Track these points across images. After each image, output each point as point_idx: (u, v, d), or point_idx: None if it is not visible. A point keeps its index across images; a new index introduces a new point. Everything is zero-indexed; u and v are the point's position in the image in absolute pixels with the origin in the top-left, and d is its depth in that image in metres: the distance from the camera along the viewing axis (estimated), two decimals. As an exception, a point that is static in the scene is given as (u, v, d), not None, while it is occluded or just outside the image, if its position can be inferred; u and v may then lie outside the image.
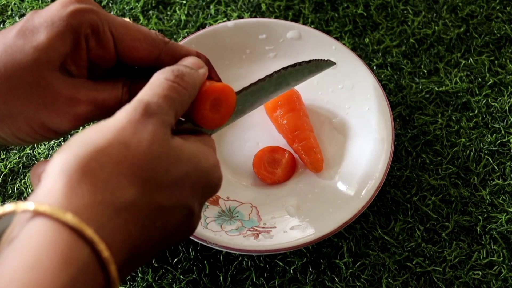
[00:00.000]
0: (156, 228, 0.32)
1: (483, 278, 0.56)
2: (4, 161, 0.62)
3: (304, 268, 0.56)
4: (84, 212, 0.29)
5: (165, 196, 0.32)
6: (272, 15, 0.71)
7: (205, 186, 0.36)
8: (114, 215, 0.30)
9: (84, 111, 0.38)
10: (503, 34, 0.70)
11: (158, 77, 0.37)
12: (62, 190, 0.29)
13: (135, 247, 0.31)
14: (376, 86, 0.61)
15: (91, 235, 0.28)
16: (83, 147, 0.31)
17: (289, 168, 0.60)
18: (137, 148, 0.32)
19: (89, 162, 0.30)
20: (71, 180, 0.30)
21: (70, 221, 0.28)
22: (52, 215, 0.28)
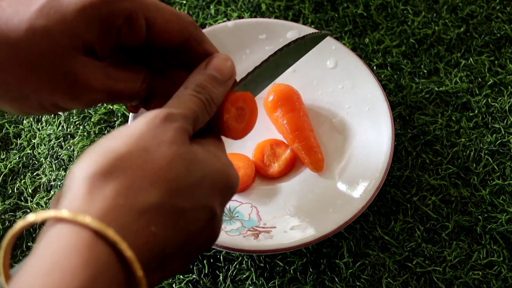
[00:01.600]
0: (179, 228, 0.32)
1: (483, 278, 0.56)
2: (4, 161, 0.62)
3: (304, 268, 0.56)
4: (106, 215, 0.29)
5: (186, 197, 0.33)
6: (272, 15, 0.71)
7: (224, 186, 0.36)
8: (136, 218, 0.30)
9: (98, 99, 0.38)
10: (503, 34, 0.70)
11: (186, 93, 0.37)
12: (84, 196, 0.30)
13: (159, 249, 0.31)
14: (376, 86, 0.61)
15: (112, 235, 0.29)
16: (104, 154, 0.31)
17: (287, 165, 0.60)
18: (157, 152, 0.32)
19: (110, 168, 0.31)
20: (93, 186, 0.30)
21: (90, 223, 0.28)
22: (71, 220, 0.29)
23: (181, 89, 0.38)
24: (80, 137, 0.63)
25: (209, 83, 0.38)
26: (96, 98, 0.38)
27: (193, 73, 0.39)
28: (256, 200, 0.58)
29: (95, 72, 0.37)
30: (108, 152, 0.32)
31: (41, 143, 0.63)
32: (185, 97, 0.37)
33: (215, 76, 0.39)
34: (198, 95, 0.37)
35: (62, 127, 0.64)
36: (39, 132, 0.64)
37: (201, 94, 0.37)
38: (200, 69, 0.39)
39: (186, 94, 0.37)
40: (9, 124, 0.64)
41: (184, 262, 0.34)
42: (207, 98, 0.37)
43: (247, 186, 0.59)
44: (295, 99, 0.61)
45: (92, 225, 0.28)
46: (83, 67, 0.37)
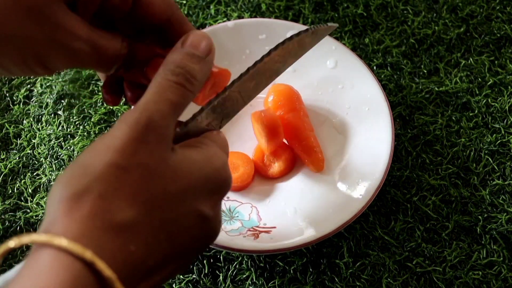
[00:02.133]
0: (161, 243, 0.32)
1: (483, 278, 0.56)
2: (4, 161, 0.62)
3: (304, 268, 0.56)
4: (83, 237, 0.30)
5: (166, 211, 0.33)
6: (272, 15, 0.71)
7: (212, 189, 0.36)
8: (113, 237, 0.30)
9: (81, 49, 0.37)
10: (503, 34, 0.70)
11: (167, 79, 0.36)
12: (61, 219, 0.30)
13: (141, 263, 0.31)
14: (376, 86, 0.61)
15: (89, 257, 0.29)
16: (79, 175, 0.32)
17: (287, 165, 0.60)
18: (135, 171, 0.32)
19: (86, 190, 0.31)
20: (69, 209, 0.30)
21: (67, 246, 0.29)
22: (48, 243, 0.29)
23: (160, 73, 0.36)
24: (80, 137, 0.63)
25: (188, 60, 0.37)
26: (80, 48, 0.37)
27: (170, 53, 0.38)
28: (256, 200, 0.58)
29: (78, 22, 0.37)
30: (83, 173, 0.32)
31: (41, 143, 0.63)
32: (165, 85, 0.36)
33: (193, 53, 0.37)
34: (177, 78, 0.36)
35: (62, 127, 0.64)
36: (39, 132, 0.64)
37: (181, 76, 0.36)
38: (177, 48, 0.38)
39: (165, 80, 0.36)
40: (9, 124, 0.64)
41: (180, 266, 0.35)
42: (187, 78, 0.36)
43: (247, 185, 0.59)
44: (295, 99, 0.61)
45: (69, 248, 0.29)
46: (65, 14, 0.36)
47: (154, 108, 0.34)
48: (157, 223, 0.32)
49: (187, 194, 0.34)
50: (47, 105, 0.65)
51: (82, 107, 0.65)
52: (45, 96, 0.66)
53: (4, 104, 0.66)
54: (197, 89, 0.37)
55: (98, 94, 0.66)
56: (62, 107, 0.65)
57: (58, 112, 0.65)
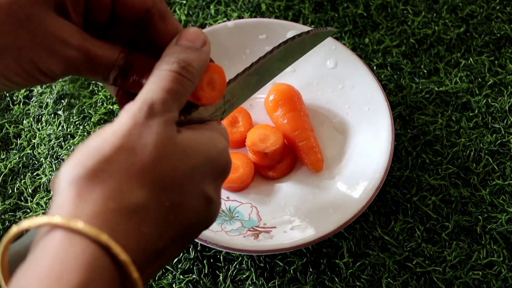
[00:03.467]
0: (171, 224, 0.33)
1: (483, 278, 0.56)
2: (4, 161, 0.62)
3: (304, 268, 0.56)
4: (97, 219, 0.29)
5: (175, 192, 0.33)
6: (272, 15, 0.71)
7: (215, 172, 0.36)
8: (126, 219, 0.30)
9: (74, 57, 0.37)
10: (503, 34, 0.70)
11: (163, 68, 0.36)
12: (73, 201, 0.30)
13: (153, 246, 0.32)
14: (376, 86, 0.61)
15: (105, 240, 0.29)
16: (89, 157, 0.31)
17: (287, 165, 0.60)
18: (144, 152, 0.32)
19: (97, 172, 0.31)
20: (81, 190, 0.30)
21: (83, 229, 0.29)
22: (64, 226, 0.29)
23: (155, 66, 0.37)
24: (80, 137, 0.63)
25: (183, 51, 0.37)
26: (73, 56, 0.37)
27: (166, 50, 0.38)
28: (256, 200, 0.58)
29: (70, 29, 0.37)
30: (93, 154, 0.32)
31: (41, 143, 0.63)
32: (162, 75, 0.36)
33: (188, 45, 0.38)
34: (173, 66, 0.36)
35: (62, 127, 0.64)
36: (39, 132, 0.64)
37: (175, 65, 0.36)
38: (172, 44, 0.38)
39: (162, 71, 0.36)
40: (9, 124, 0.64)
41: (180, 250, 0.35)
42: (183, 66, 0.36)
43: (246, 185, 0.59)
44: (295, 99, 0.61)
45: (85, 231, 0.29)
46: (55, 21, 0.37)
47: (153, 96, 0.35)
48: (167, 203, 0.32)
49: (194, 174, 0.34)
50: (47, 105, 0.65)
51: (82, 107, 0.65)
52: (45, 96, 0.66)
53: (4, 104, 0.66)
54: (195, 77, 0.37)
55: (98, 94, 0.66)
56: (62, 107, 0.65)
57: (58, 112, 0.65)
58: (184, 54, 0.37)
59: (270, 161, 0.59)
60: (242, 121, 0.61)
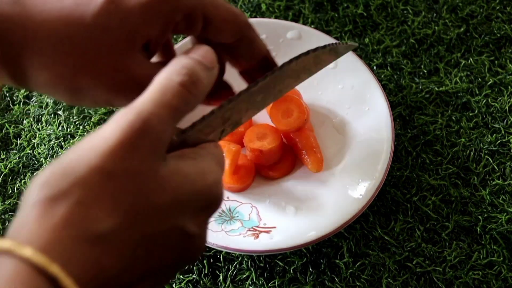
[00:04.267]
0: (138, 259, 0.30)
1: (483, 278, 0.56)
2: (4, 161, 0.62)
3: (304, 268, 0.56)
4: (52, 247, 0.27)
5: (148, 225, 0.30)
6: (272, 15, 0.71)
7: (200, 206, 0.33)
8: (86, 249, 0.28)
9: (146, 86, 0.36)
10: (503, 34, 0.70)
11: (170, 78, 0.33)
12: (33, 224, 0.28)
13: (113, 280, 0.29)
14: (376, 86, 0.61)
15: (55, 271, 0.26)
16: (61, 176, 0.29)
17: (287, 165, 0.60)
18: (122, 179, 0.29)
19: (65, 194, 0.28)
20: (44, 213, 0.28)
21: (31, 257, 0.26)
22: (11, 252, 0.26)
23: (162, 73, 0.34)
24: (80, 137, 0.63)
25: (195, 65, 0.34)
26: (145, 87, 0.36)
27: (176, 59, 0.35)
28: (256, 200, 0.58)
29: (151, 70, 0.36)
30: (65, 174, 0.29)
31: (41, 143, 0.63)
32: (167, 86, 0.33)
33: (200, 60, 0.35)
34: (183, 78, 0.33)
35: (62, 127, 0.64)
36: (39, 132, 0.64)
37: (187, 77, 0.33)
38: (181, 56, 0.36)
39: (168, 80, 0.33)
40: (9, 124, 0.64)
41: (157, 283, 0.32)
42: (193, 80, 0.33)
43: (247, 186, 0.59)
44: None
45: (33, 259, 0.26)
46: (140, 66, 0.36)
47: (152, 111, 0.31)
48: (137, 236, 0.30)
49: (173, 209, 0.31)
50: (47, 105, 0.65)
51: (82, 107, 0.65)
52: (45, 96, 0.66)
53: (4, 104, 0.66)
54: (201, 97, 0.34)
55: (98, 94, 0.66)
56: (62, 107, 0.65)
57: (58, 112, 0.65)
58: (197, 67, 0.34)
59: (266, 160, 0.59)
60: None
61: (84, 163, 0.29)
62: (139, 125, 0.30)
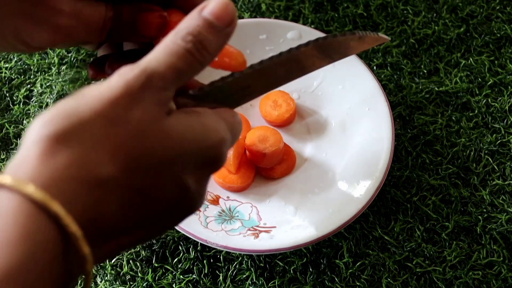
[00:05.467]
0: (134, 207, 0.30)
1: (483, 278, 0.56)
2: (4, 161, 0.62)
3: (304, 268, 0.56)
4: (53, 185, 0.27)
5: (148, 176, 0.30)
6: (272, 15, 0.71)
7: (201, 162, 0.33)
8: (87, 191, 0.28)
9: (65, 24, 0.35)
10: (503, 34, 0.70)
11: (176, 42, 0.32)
12: (34, 161, 0.27)
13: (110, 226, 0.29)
14: (376, 86, 0.61)
15: (56, 209, 0.26)
16: (66, 117, 0.28)
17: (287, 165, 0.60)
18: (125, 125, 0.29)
19: (69, 134, 0.28)
20: (46, 151, 0.27)
21: (32, 193, 0.26)
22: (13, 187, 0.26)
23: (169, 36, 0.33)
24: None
25: (203, 29, 0.33)
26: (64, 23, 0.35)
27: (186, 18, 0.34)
28: (256, 200, 0.58)
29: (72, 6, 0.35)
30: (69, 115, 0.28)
31: (41, 143, 0.63)
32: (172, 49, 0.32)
33: (210, 21, 0.33)
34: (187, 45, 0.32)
35: (62, 127, 0.64)
36: (39, 132, 0.64)
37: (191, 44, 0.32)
38: (194, 12, 0.34)
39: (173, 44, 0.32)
40: (9, 124, 0.64)
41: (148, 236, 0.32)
42: (198, 48, 0.33)
43: (247, 186, 0.59)
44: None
45: (35, 196, 0.26)
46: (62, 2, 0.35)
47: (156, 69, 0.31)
48: (136, 185, 0.30)
49: (174, 162, 0.31)
50: (47, 105, 0.65)
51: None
52: (45, 96, 0.66)
53: (4, 104, 0.66)
54: (207, 61, 0.34)
55: (98, 94, 0.66)
56: (62, 107, 0.65)
57: (58, 112, 0.65)
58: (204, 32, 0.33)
59: (268, 162, 0.59)
60: None
61: (88, 108, 0.29)
62: (144, 79, 0.30)
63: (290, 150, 0.61)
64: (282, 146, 0.59)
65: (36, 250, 0.25)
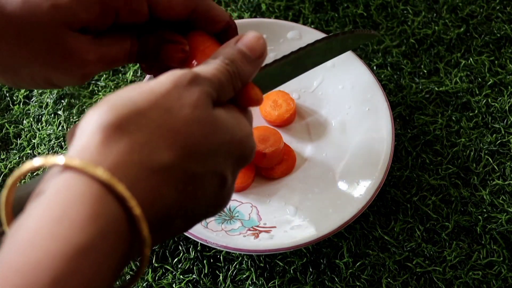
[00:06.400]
0: (188, 193, 0.32)
1: (483, 278, 0.56)
2: (4, 161, 0.62)
3: (304, 268, 0.56)
4: (118, 169, 0.28)
5: (200, 162, 0.32)
6: (272, 15, 0.71)
7: (239, 155, 0.35)
8: (148, 176, 0.29)
9: (92, 71, 0.38)
10: (503, 34, 0.70)
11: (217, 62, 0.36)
12: (97, 146, 0.29)
13: (166, 211, 0.31)
14: (376, 86, 0.61)
15: (122, 191, 0.28)
16: (123, 105, 0.30)
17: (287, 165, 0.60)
18: (179, 114, 0.31)
19: (128, 122, 0.30)
20: (108, 137, 0.29)
21: (101, 175, 0.28)
22: (82, 169, 0.28)
23: (210, 59, 0.36)
24: (80, 137, 0.63)
25: (238, 58, 0.36)
26: (91, 70, 0.38)
27: (223, 47, 0.37)
28: (256, 200, 0.58)
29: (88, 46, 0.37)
30: (126, 104, 0.30)
31: (41, 143, 0.63)
32: (213, 65, 0.35)
33: (245, 52, 0.37)
34: (226, 66, 0.35)
35: (62, 127, 0.64)
36: (39, 132, 0.64)
37: (229, 66, 0.36)
38: (230, 43, 0.37)
39: (214, 62, 0.35)
40: (9, 124, 0.64)
41: (187, 225, 0.34)
42: (234, 72, 0.36)
43: (247, 186, 0.59)
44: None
45: (103, 178, 0.27)
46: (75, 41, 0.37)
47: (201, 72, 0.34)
48: (190, 172, 0.31)
49: (220, 151, 0.33)
50: (47, 105, 0.65)
51: (82, 107, 0.65)
52: (45, 96, 0.66)
53: (4, 104, 0.66)
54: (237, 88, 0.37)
55: (98, 94, 0.66)
56: (62, 107, 0.65)
57: (58, 112, 0.65)
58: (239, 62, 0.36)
59: (268, 162, 0.59)
60: None
61: (143, 98, 0.31)
62: (191, 75, 0.33)
63: (290, 150, 0.61)
64: (282, 146, 0.59)
65: (105, 229, 0.27)
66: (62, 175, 0.28)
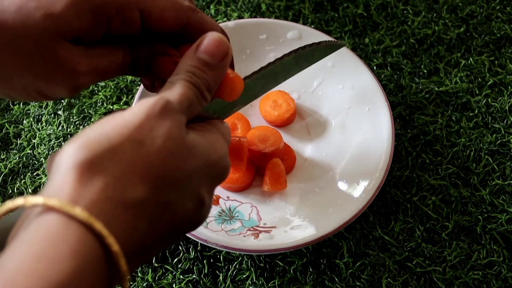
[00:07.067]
0: (163, 222, 0.32)
1: (483, 278, 0.56)
2: (4, 161, 0.62)
3: (304, 268, 0.56)
4: (94, 207, 0.29)
5: (174, 190, 0.33)
6: (272, 15, 0.71)
7: (212, 175, 0.36)
8: (122, 211, 0.30)
9: (83, 82, 0.38)
10: (503, 34, 0.70)
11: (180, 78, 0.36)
12: (73, 184, 0.29)
13: (142, 241, 0.31)
14: (376, 86, 0.61)
15: (100, 229, 0.28)
16: (97, 141, 0.31)
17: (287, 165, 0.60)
18: (152, 146, 0.32)
19: (101, 159, 0.30)
20: (83, 175, 0.30)
21: (79, 215, 0.28)
22: (61, 209, 0.28)
23: (173, 76, 0.36)
24: (80, 137, 0.63)
25: (200, 68, 0.37)
26: (82, 82, 0.38)
27: (183, 58, 0.37)
28: (256, 200, 0.58)
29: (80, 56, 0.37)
30: (100, 140, 0.31)
31: (41, 143, 0.63)
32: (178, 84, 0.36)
33: (205, 60, 0.37)
34: (190, 80, 0.36)
35: (62, 127, 0.64)
36: (39, 132, 0.64)
37: (193, 79, 0.36)
38: (190, 52, 0.37)
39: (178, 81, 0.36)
40: (9, 124, 0.64)
41: (163, 248, 0.35)
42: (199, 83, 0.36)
43: (247, 186, 0.59)
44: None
45: (81, 217, 0.28)
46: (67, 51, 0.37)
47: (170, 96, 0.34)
48: (164, 201, 0.32)
49: (194, 176, 0.34)
50: (47, 105, 0.65)
51: (82, 107, 0.65)
52: (45, 96, 0.66)
53: (4, 104, 0.66)
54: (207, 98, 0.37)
55: (98, 94, 0.66)
56: (62, 107, 0.65)
57: (58, 112, 0.65)
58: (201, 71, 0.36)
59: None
60: (241, 128, 0.61)
61: (117, 133, 0.31)
62: (163, 103, 0.33)
63: (290, 150, 0.61)
64: (282, 146, 0.59)
65: (83, 265, 0.28)
66: (43, 215, 0.29)
